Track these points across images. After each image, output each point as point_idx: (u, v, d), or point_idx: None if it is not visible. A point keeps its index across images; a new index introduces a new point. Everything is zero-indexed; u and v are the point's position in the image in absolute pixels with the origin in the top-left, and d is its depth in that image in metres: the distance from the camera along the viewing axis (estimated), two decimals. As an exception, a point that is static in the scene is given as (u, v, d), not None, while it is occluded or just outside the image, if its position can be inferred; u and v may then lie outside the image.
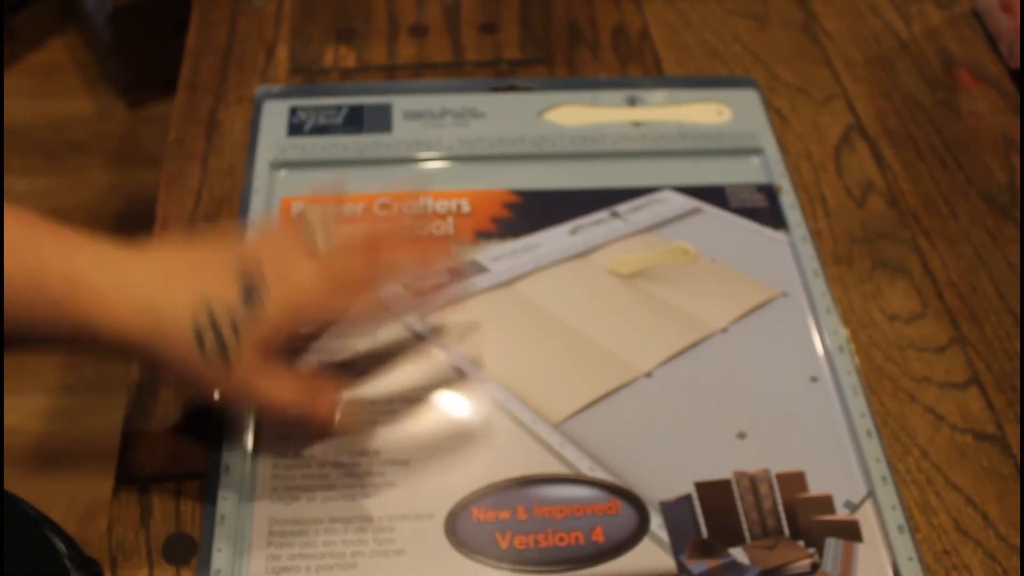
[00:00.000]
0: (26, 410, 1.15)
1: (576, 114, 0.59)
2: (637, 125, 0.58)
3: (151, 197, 0.55)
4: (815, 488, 0.44)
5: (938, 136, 0.60)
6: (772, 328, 0.50)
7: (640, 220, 0.54)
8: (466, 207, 0.54)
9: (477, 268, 0.51)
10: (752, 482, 0.44)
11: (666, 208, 0.55)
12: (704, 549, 0.42)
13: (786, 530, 0.43)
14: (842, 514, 0.43)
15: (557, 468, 0.44)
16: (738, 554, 0.42)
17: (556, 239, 0.53)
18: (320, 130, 0.57)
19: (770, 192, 0.55)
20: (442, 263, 0.44)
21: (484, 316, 0.49)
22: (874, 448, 0.45)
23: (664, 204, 0.55)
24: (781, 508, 0.43)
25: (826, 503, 0.44)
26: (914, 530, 0.43)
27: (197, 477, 0.44)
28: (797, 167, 0.58)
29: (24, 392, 1.16)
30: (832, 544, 0.42)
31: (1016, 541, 0.43)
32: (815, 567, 0.42)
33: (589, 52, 0.64)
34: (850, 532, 0.43)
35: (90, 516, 1.04)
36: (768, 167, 0.57)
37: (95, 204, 1.36)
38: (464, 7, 0.67)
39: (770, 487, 0.44)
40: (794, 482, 0.44)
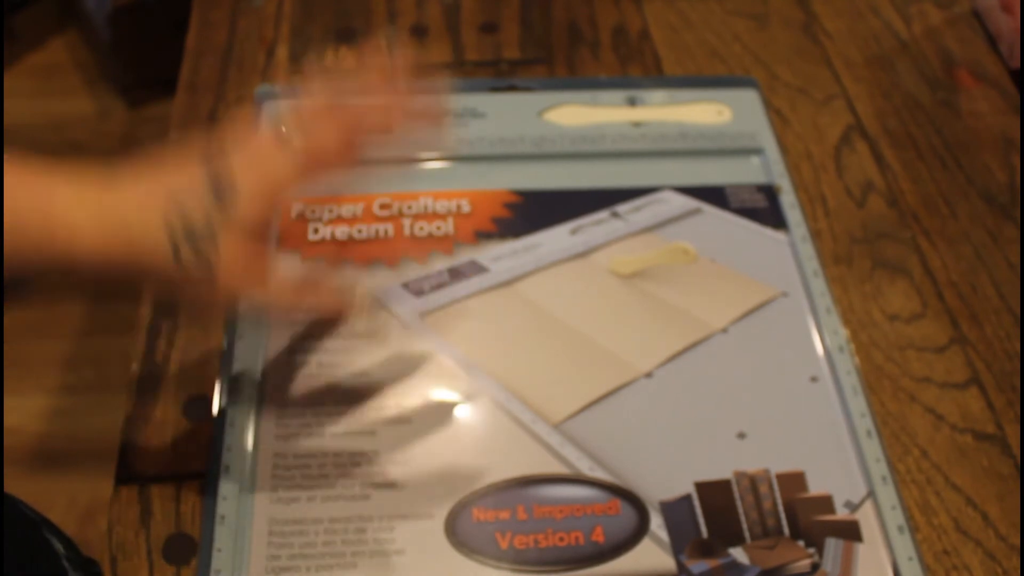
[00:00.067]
0: (26, 410, 1.15)
1: (576, 114, 0.59)
2: (637, 125, 0.58)
3: (151, 197, 0.55)
4: (815, 488, 0.44)
5: (938, 136, 0.60)
6: (772, 328, 0.50)
7: (640, 220, 0.54)
8: (466, 207, 0.54)
9: (477, 268, 0.51)
10: (752, 482, 0.44)
11: (666, 208, 0.55)
12: (704, 549, 0.42)
13: (786, 530, 0.43)
14: (842, 514, 0.43)
15: (557, 468, 0.44)
16: (738, 554, 0.42)
17: (556, 239, 0.53)
18: (320, 130, 0.57)
19: (770, 192, 0.55)
20: (423, 124, 0.41)
21: (484, 316, 0.49)
22: (874, 448, 0.45)
23: (664, 204, 0.55)
24: (781, 508, 0.43)
25: (826, 503, 0.44)
26: (914, 530, 0.43)
27: (197, 477, 0.44)
28: (797, 167, 0.58)
29: (24, 392, 1.16)
30: (832, 544, 0.42)
31: (1016, 541, 0.43)
32: (815, 567, 0.42)
33: (589, 52, 0.64)
34: (850, 532, 0.43)
35: (90, 516, 1.04)
36: (768, 167, 0.57)
37: (95, 204, 1.36)
38: (464, 7, 0.67)
39: (770, 487, 0.44)
40: (794, 482, 0.44)
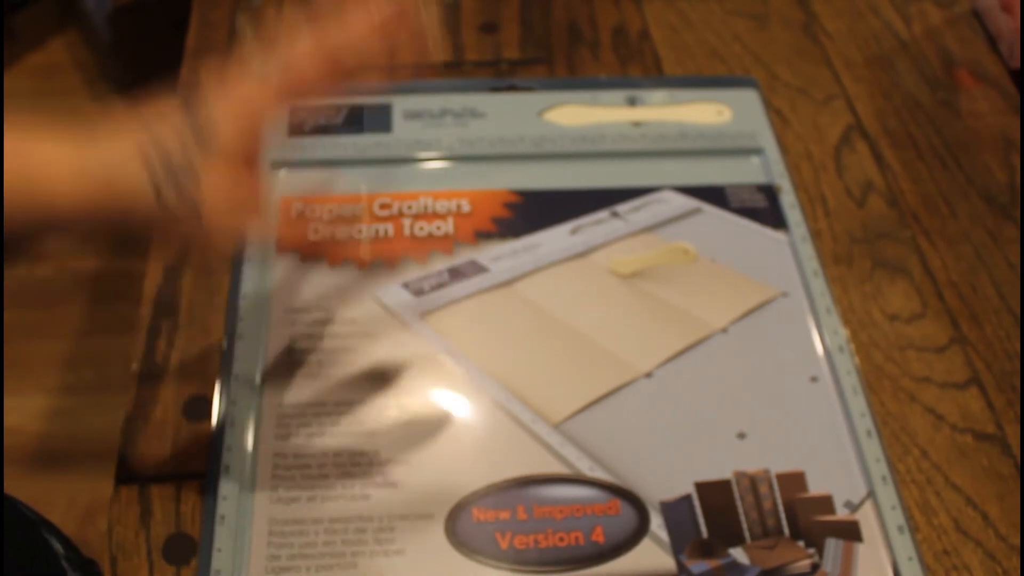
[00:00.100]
0: (26, 410, 1.15)
1: (576, 114, 0.59)
2: (637, 125, 0.58)
3: (151, 197, 0.55)
4: (815, 488, 0.44)
5: (938, 136, 0.60)
6: (772, 328, 0.50)
7: (640, 220, 0.54)
8: (466, 207, 0.54)
9: (477, 268, 0.51)
10: (752, 482, 0.44)
11: (666, 208, 0.55)
12: (704, 549, 0.42)
13: (786, 530, 0.43)
14: (842, 514, 0.43)
15: (557, 468, 0.44)
16: (738, 554, 0.42)
17: (556, 239, 0.53)
18: (320, 130, 0.57)
19: (770, 192, 0.55)
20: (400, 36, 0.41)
21: (484, 316, 0.49)
22: (874, 448, 0.45)
23: (664, 204, 0.55)
24: (781, 508, 0.43)
25: (826, 503, 0.44)
26: (914, 530, 0.43)
27: (197, 477, 0.44)
28: (797, 167, 0.58)
29: (24, 392, 1.16)
30: (832, 544, 0.42)
31: (1016, 541, 0.43)
32: (815, 567, 0.42)
33: (589, 52, 0.64)
34: (850, 532, 0.43)
35: (90, 516, 1.04)
36: (768, 167, 0.57)
37: (95, 204, 1.36)
38: (464, 7, 0.67)
39: (770, 487, 0.44)
40: (794, 482, 0.44)
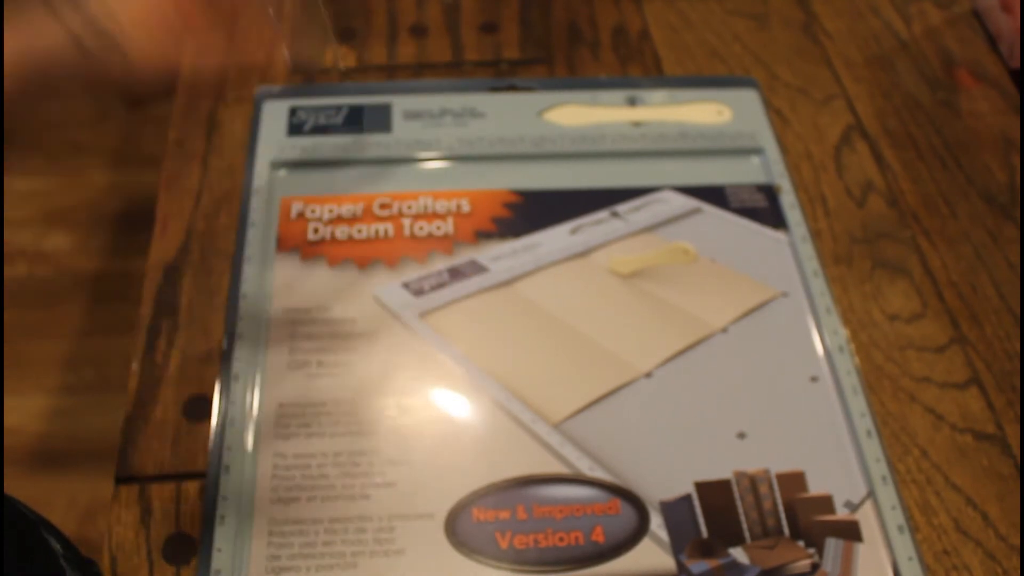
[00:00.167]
0: (26, 410, 1.15)
1: (576, 114, 0.59)
2: (637, 125, 0.58)
3: (151, 197, 0.55)
4: (815, 488, 0.44)
5: (938, 136, 0.60)
6: (772, 328, 0.50)
7: (640, 220, 0.54)
8: (466, 207, 0.54)
9: (477, 268, 0.51)
10: (752, 482, 0.44)
11: (666, 208, 0.55)
12: (704, 549, 0.42)
13: (786, 530, 0.43)
14: (842, 514, 0.43)
15: (557, 468, 0.44)
16: (738, 554, 0.42)
17: (556, 239, 0.53)
18: (320, 130, 0.57)
19: (770, 192, 0.55)
20: None
21: (484, 316, 0.49)
22: (874, 448, 0.45)
23: (664, 204, 0.55)
24: (781, 508, 0.43)
25: (826, 503, 0.44)
26: (914, 530, 0.43)
27: (197, 477, 0.44)
28: (797, 167, 0.58)
29: (24, 392, 1.16)
30: (832, 544, 0.42)
31: (1016, 541, 0.43)
32: (815, 567, 0.42)
33: (589, 52, 0.64)
34: (850, 532, 0.43)
35: (90, 516, 1.04)
36: (768, 167, 0.57)
37: (95, 204, 1.36)
38: (464, 7, 0.67)
39: (770, 487, 0.44)
40: (794, 482, 0.44)
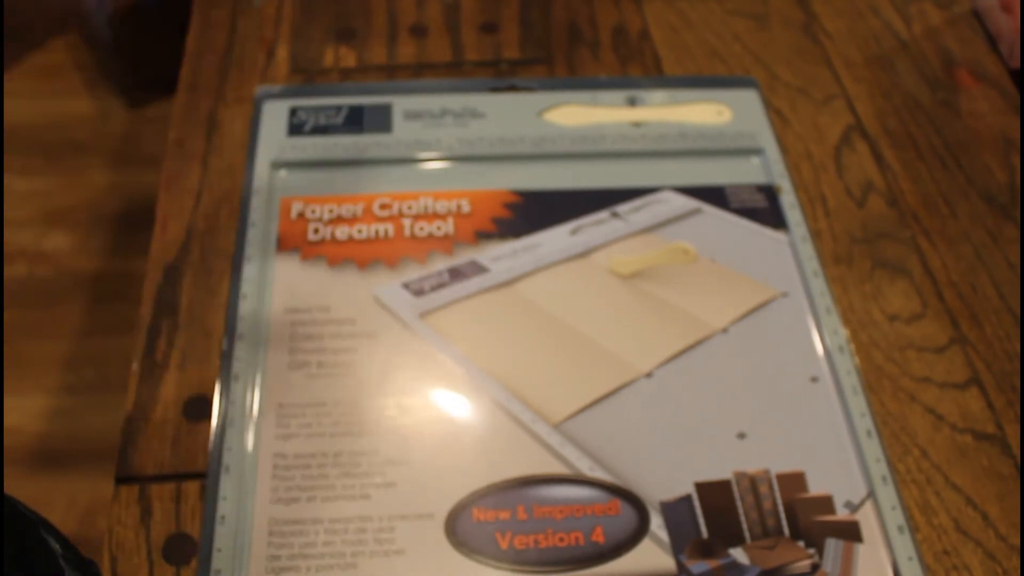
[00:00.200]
0: (26, 410, 1.15)
1: (576, 114, 0.59)
2: (637, 125, 0.58)
3: (151, 197, 0.55)
4: (815, 488, 0.44)
5: (938, 136, 0.60)
6: (772, 328, 0.50)
7: (640, 220, 0.54)
8: (466, 207, 0.54)
9: (477, 268, 0.51)
10: (752, 482, 0.44)
11: (666, 208, 0.55)
12: (704, 549, 0.42)
13: (786, 530, 0.43)
14: (842, 514, 0.43)
15: (557, 468, 0.44)
16: (738, 554, 0.42)
17: (556, 239, 0.53)
18: (320, 130, 0.57)
19: (770, 192, 0.55)
20: None
21: (484, 316, 0.49)
22: (874, 448, 0.45)
23: (664, 204, 0.55)
24: (781, 508, 0.43)
25: (826, 503, 0.44)
26: (914, 530, 0.43)
27: (197, 477, 0.44)
28: (797, 167, 0.58)
29: (24, 392, 1.16)
30: (832, 544, 0.42)
31: (1016, 541, 0.43)
32: (815, 567, 0.42)
33: (589, 52, 0.64)
34: (850, 532, 0.43)
35: (90, 516, 1.04)
36: (768, 167, 0.57)
37: (95, 204, 1.36)
38: (464, 7, 0.67)
39: (770, 487, 0.44)
40: (794, 482, 0.44)
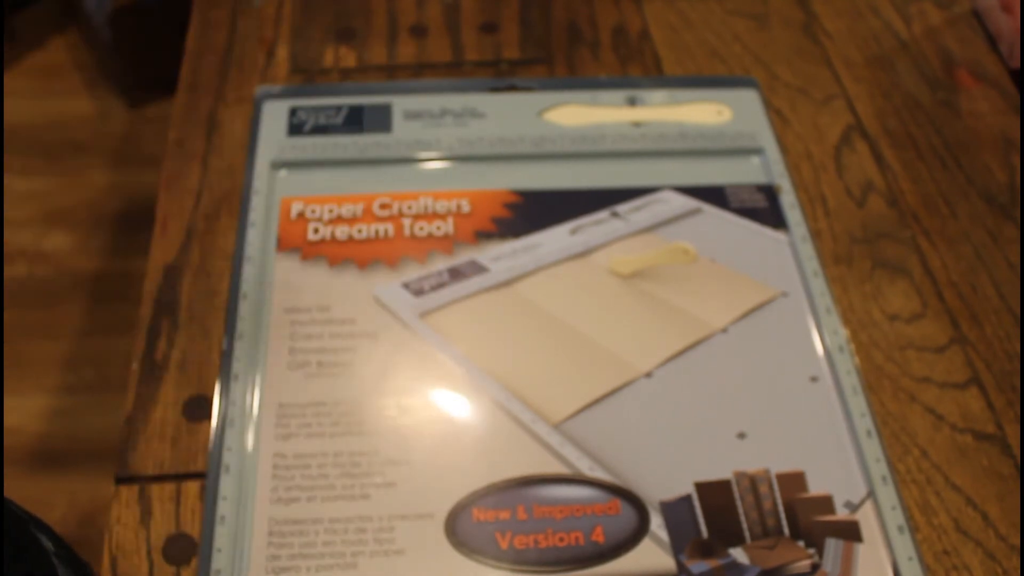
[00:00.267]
0: (26, 410, 1.15)
1: (576, 114, 0.59)
2: (637, 125, 0.58)
3: (151, 197, 0.56)
4: (815, 488, 0.44)
5: (938, 136, 0.60)
6: (772, 328, 0.50)
7: (640, 220, 0.54)
8: (466, 207, 0.54)
9: (477, 268, 0.51)
10: (752, 482, 0.44)
11: (666, 208, 0.55)
12: (704, 549, 0.42)
13: (786, 530, 0.43)
14: (842, 514, 0.43)
15: (557, 468, 0.44)
16: (738, 554, 0.42)
17: (556, 239, 0.53)
18: (320, 130, 0.57)
19: (770, 192, 0.55)
20: None
21: (484, 316, 0.49)
22: (874, 448, 0.45)
23: (664, 204, 0.55)
24: (781, 508, 0.43)
25: (826, 503, 0.44)
26: (914, 530, 0.43)
27: (197, 477, 0.44)
28: (797, 167, 0.58)
29: (24, 392, 1.16)
30: (832, 544, 0.42)
31: (1016, 541, 0.43)
32: (815, 567, 0.42)
33: (589, 52, 0.64)
34: (850, 532, 0.43)
35: (90, 516, 1.04)
36: (768, 167, 0.57)
37: (95, 204, 1.36)
38: (464, 7, 0.67)
39: (770, 487, 0.44)
40: (794, 482, 0.44)
